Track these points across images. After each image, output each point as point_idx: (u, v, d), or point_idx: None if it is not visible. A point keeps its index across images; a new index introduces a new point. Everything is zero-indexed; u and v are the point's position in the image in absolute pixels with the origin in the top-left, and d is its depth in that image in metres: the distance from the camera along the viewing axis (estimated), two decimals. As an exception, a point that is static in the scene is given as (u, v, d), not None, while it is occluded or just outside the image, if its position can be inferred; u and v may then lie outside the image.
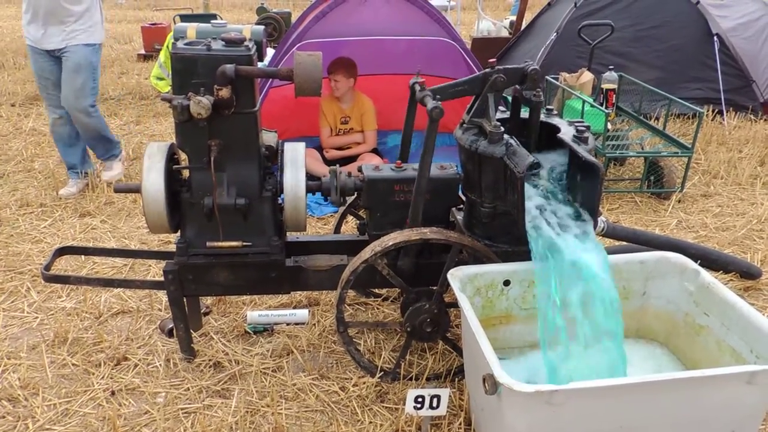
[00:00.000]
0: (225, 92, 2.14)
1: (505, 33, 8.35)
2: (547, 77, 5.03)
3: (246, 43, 2.23)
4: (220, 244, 2.35)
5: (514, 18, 7.90)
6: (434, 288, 2.37)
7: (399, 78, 4.48)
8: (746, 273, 3.15)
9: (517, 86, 2.38)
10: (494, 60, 2.38)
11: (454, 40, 4.37)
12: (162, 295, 3.01)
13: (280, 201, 2.42)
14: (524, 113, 2.45)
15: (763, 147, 5.06)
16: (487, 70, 2.32)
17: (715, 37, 5.66)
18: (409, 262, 2.41)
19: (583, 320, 1.91)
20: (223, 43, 2.21)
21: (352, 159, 4.44)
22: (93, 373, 2.52)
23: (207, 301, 2.96)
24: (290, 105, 4.77)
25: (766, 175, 4.57)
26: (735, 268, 3.16)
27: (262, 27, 2.49)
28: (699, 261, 3.03)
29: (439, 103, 2.19)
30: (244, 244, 2.37)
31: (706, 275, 2.11)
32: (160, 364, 2.56)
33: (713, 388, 1.65)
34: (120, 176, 4.45)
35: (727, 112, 5.64)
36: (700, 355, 2.12)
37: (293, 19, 8.74)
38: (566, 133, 2.29)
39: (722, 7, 5.97)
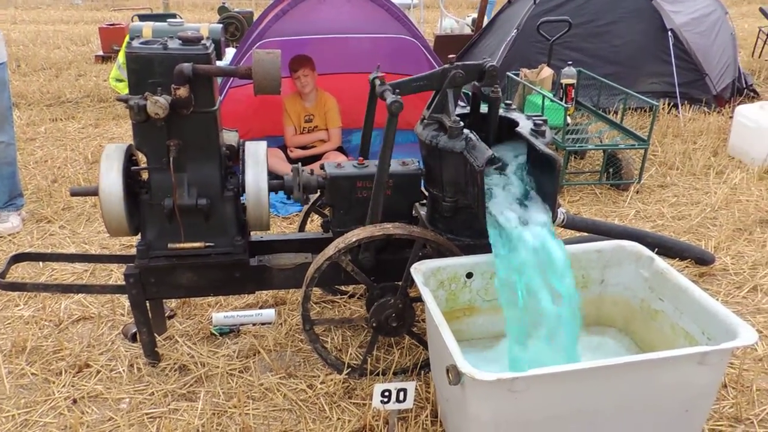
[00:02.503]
0: (183, 91, 2.12)
1: (468, 30, 8.43)
2: (508, 73, 5.11)
3: (203, 42, 2.21)
4: (181, 245, 2.33)
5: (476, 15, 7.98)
6: (399, 283, 2.39)
7: (362, 76, 4.45)
8: (700, 259, 3.26)
9: (475, 83, 2.42)
10: (453, 56, 2.42)
11: (416, 38, 4.40)
12: (124, 300, 2.97)
13: (242, 200, 2.41)
14: (484, 108, 2.49)
15: (716, 138, 5.23)
16: (446, 66, 2.35)
17: (670, 33, 5.81)
18: (371, 257, 2.42)
19: (541, 310, 1.95)
20: (180, 41, 2.20)
21: (316, 158, 4.44)
22: (53, 382, 2.47)
23: (171, 304, 2.93)
24: (254, 104, 4.75)
25: (719, 165, 4.72)
26: (690, 255, 3.27)
27: (220, 25, 2.48)
28: (656, 249, 3.15)
29: (399, 97, 2.21)
30: (207, 244, 2.35)
31: (660, 262, 2.18)
32: (124, 370, 2.53)
33: (666, 369, 1.71)
34: (16, 230, 3.73)
35: (682, 105, 5.80)
36: (656, 339, 2.19)
37: (255, 18, 8.68)
38: (524, 127, 2.34)
39: (676, 2, 6.14)
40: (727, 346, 1.70)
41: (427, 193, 2.56)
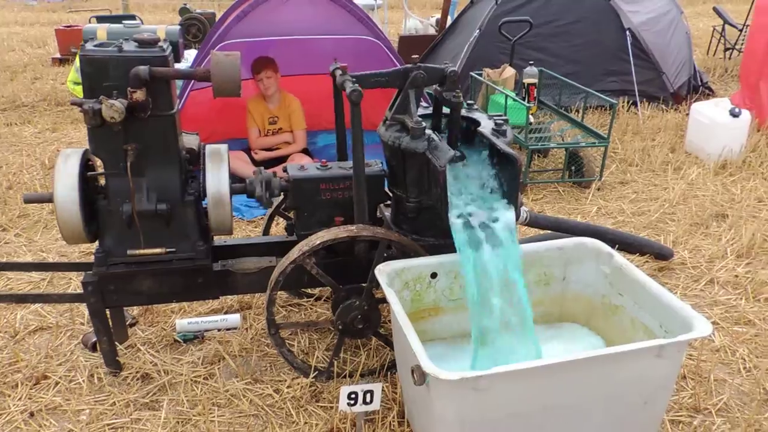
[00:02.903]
0: (139, 95, 2.09)
1: (432, 31, 8.48)
2: (471, 73, 5.16)
3: (160, 44, 2.19)
4: (141, 251, 2.30)
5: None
6: (364, 285, 2.39)
7: (326, 78, 4.46)
8: (659, 254, 3.34)
9: (437, 87, 2.43)
10: (417, 56, 2.42)
11: (379, 39, 4.41)
12: (84, 309, 2.90)
13: (204, 205, 2.38)
14: (447, 108, 2.51)
15: (674, 135, 5.37)
16: (408, 65, 2.36)
17: (628, 32, 5.94)
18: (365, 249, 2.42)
19: (503, 309, 1.97)
20: (136, 44, 2.16)
21: (282, 160, 4.40)
22: (9, 395, 2.40)
23: (133, 311, 2.88)
24: (216, 106, 4.69)
25: (677, 161, 4.84)
26: (649, 250, 3.35)
27: (177, 27, 2.45)
28: (617, 245, 3.23)
29: (358, 86, 2.20)
30: (168, 250, 2.32)
31: (619, 258, 2.23)
32: (83, 381, 2.47)
33: (626, 363, 1.75)
34: None
35: (641, 102, 5.94)
36: (617, 334, 2.23)
37: (217, 19, 8.58)
38: (486, 126, 2.36)
39: (633, 2, 6.28)
40: (683, 338, 1.75)
41: (391, 194, 2.57)
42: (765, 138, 5.09)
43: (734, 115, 4.73)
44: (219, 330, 2.78)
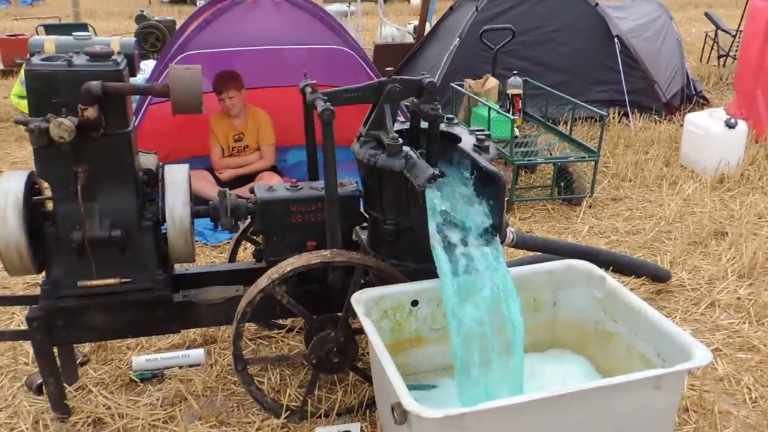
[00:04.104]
0: (91, 112, 2.08)
1: (409, 38, 8.58)
2: (452, 84, 5.22)
3: (114, 57, 2.18)
4: (93, 282, 2.27)
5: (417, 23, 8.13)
6: (340, 314, 2.38)
7: (296, 90, 4.50)
8: (656, 276, 3.39)
9: (414, 99, 2.46)
10: (391, 69, 2.45)
11: (353, 49, 4.45)
12: (28, 347, 2.83)
13: (163, 230, 2.36)
14: (425, 123, 2.53)
15: (668, 147, 5.48)
16: (382, 79, 2.38)
17: (616, 39, 6.08)
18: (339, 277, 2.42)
19: (490, 339, 1.98)
20: (88, 57, 2.16)
21: (249, 178, 4.40)
22: (-56, 446, 2.33)
23: (84, 348, 2.82)
24: (178, 122, 4.68)
25: (672, 176, 4.94)
26: (645, 272, 3.39)
27: (133, 39, 2.44)
28: (610, 267, 3.27)
29: (329, 104, 2.22)
30: (123, 280, 2.30)
31: (612, 281, 2.25)
32: (27, 428, 2.41)
33: (621, 395, 1.76)
34: None
35: (632, 113, 6.06)
36: (612, 363, 2.25)
37: (178, 26, 8.60)
38: (467, 142, 2.39)
39: (621, 8, 6.45)
40: (681, 368, 1.77)
41: (367, 216, 2.57)
42: (763, 150, 5.22)
43: (730, 126, 4.84)
44: (180, 367, 2.75)
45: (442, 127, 2.54)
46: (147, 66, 6.27)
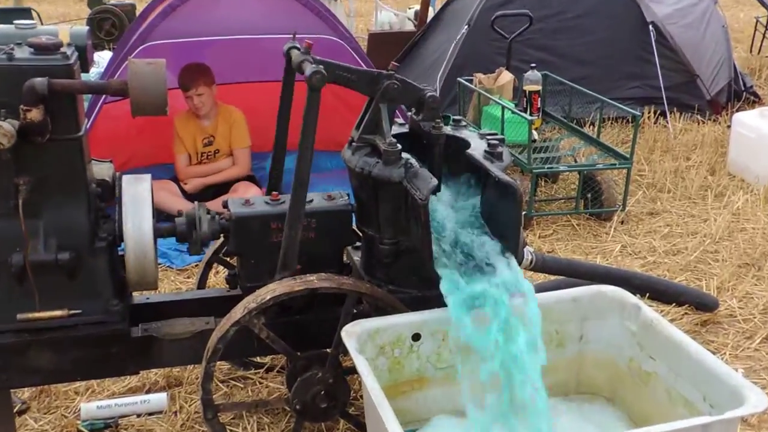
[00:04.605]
0: (35, 114, 2.08)
1: (410, 26, 8.64)
2: (459, 79, 5.25)
3: (63, 50, 2.20)
4: (36, 315, 2.26)
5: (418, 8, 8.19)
6: (328, 351, 2.38)
7: (278, 86, 4.54)
8: (701, 304, 3.40)
9: (413, 115, 2.48)
10: (396, 65, 2.45)
11: (342, 37, 4.48)
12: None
13: (120, 251, 2.37)
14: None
15: (713, 152, 5.51)
16: (381, 71, 2.39)
17: (651, 26, 6.12)
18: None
19: (507, 383, 1.98)
20: (32, 49, 2.17)
21: (221, 189, 4.40)
22: None
23: (23, 394, 2.81)
24: (138, 123, 4.67)
25: (718, 186, 4.96)
26: (688, 300, 3.40)
27: (85, 29, 2.46)
28: (646, 294, 3.27)
29: (322, 68, 2.21)
30: (72, 312, 2.30)
31: (649, 311, 2.26)
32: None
33: (661, 448, 1.75)
34: None
35: (670, 113, 6.09)
36: (650, 409, 2.25)
37: (138, 12, 8.65)
38: (476, 148, 2.40)
39: (656, -9, 6.49)
40: (732, 415, 1.77)
41: (360, 234, 2.58)
42: (824, 155, 5.25)
43: (786, 127, 4.87)
44: (139, 415, 2.74)
45: (449, 130, 2.55)
46: (102, 58, 6.29)
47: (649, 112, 6.09)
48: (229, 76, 4.77)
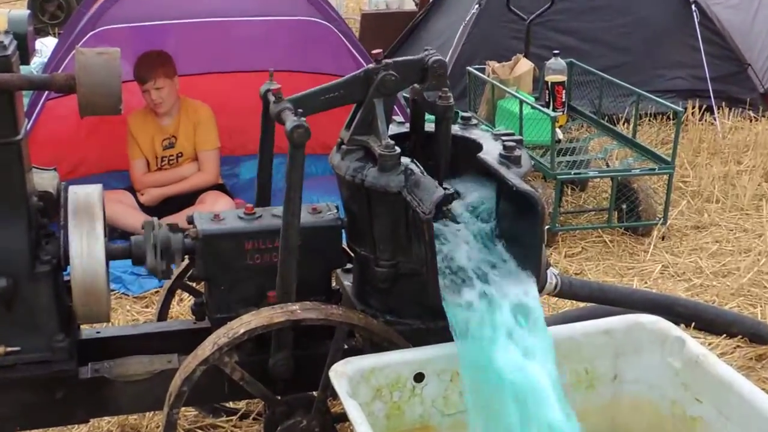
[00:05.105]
0: (-36, 114, 2.09)
1: (410, 5, 8.66)
2: (469, 68, 5.26)
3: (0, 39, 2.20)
4: (-33, 353, 2.26)
5: None
6: (314, 394, 2.37)
7: (253, 77, 4.55)
8: (755, 336, 3.40)
9: (416, 85, 2.48)
10: (380, 51, 2.46)
11: (330, 20, 4.49)
12: None
13: (66, 277, 2.36)
14: (430, 124, 2.55)
15: (769, 155, 5.53)
16: (370, 66, 2.40)
17: (694, 6, 6.15)
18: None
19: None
20: (-39, 39, 2.18)
21: (185, 200, 4.41)
22: None
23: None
24: (87, 123, 4.68)
25: (776, 194, 4.99)
26: (740, 330, 3.40)
27: (25, 13, 2.45)
28: (692, 324, 3.27)
29: (304, 120, 2.23)
30: (8, 350, 2.29)
31: (695, 345, 2.25)
32: None
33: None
34: None
35: (718, 108, 6.12)
36: (697, 460, 2.24)
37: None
38: (490, 151, 2.40)
39: (700, -35, 6.52)
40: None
41: (352, 255, 2.57)
42: None
43: None
44: (89, 471, 2.73)
45: (456, 129, 2.55)
46: (45, 46, 6.31)
47: (693, 107, 6.11)
48: (194, 66, 4.79)
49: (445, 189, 2.23)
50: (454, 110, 2.46)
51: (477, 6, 6.15)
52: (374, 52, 2.46)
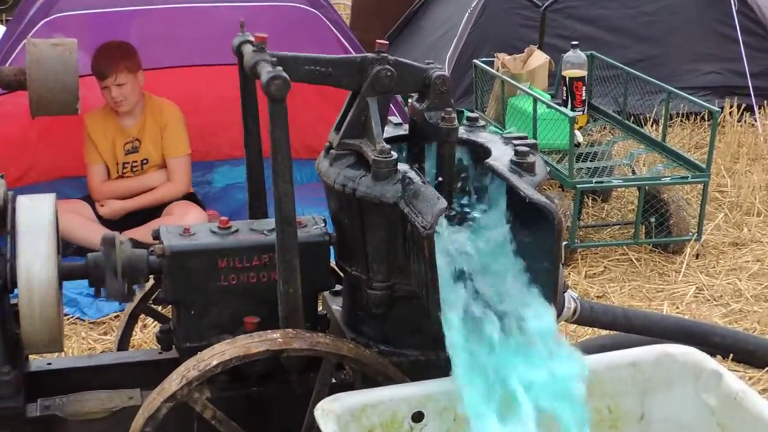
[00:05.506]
0: None
1: (407, -10, 8.69)
2: (475, 61, 5.27)
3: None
4: None
5: None
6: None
7: (228, 71, 4.54)
8: (802, 368, 3.41)
9: (414, 102, 2.48)
10: (385, 43, 2.45)
11: (316, 5, 4.51)
12: None
13: (12, 300, 2.37)
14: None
15: (817, 161, 5.56)
16: (367, 54, 2.40)
17: (732, -7, 6.20)
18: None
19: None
20: None
21: (152, 212, 4.41)
22: None
23: None
24: (39, 124, 4.68)
25: (824, 206, 5.00)
26: (785, 362, 3.41)
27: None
28: (730, 355, 3.28)
29: (282, 71, 2.20)
30: (-53, 384, 2.30)
31: (733, 380, 2.25)
32: None
33: None
34: None
35: (759, 108, 6.14)
36: None
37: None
38: (499, 157, 2.41)
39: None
40: None
41: (342, 275, 2.57)
42: None
43: None
44: None
45: (461, 132, 2.56)
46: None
47: (730, 107, 6.12)
48: (161, 59, 4.80)
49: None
50: (459, 109, 2.47)
51: (485, -10, 6.18)
52: (379, 41, 2.45)
